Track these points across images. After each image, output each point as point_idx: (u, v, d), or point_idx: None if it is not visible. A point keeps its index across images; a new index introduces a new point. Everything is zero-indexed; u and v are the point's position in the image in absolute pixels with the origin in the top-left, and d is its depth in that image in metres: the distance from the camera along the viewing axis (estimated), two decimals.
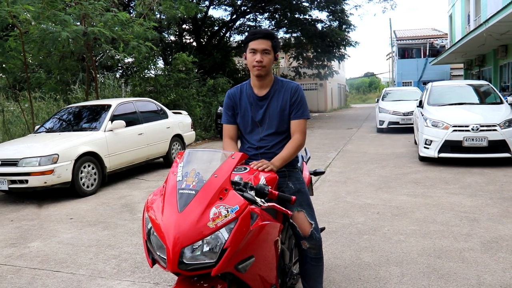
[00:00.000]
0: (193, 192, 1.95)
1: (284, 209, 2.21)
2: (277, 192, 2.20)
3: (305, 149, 3.89)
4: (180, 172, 2.05)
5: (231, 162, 2.11)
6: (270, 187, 2.17)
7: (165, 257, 1.86)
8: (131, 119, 8.69)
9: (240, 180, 2.16)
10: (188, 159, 2.15)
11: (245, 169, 2.50)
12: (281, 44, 26.83)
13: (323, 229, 3.40)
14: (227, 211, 1.91)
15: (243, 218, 1.93)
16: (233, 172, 2.14)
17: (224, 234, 1.87)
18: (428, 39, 36.51)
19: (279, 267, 2.58)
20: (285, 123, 2.80)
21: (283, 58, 29.85)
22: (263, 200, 2.10)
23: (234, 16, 25.10)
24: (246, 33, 26.02)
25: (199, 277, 1.99)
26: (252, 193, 2.10)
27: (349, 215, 5.39)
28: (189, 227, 1.84)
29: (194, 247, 1.84)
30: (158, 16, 15.08)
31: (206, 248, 1.86)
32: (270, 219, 2.27)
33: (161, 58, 20.52)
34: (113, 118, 8.12)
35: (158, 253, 1.93)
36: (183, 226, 1.84)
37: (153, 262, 2.01)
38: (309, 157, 3.73)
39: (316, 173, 3.66)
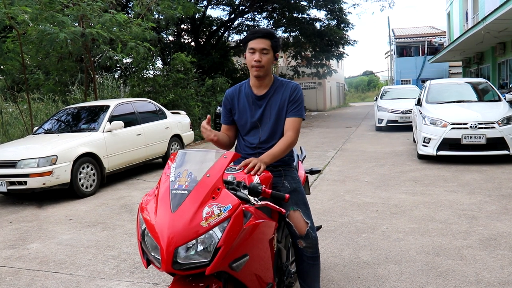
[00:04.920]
0: (186, 192, 1.96)
1: (278, 207, 2.20)
2: (270, 191, 2.20)
3: (300, 148, 3.89)
4: (173, 172, 2.06)
5: (223, 161, 2.12)
6: (263, 186, 2.17)
7: (160, 258, 1.86)
8: (130, 119, 8.68)
9: (234, 180, 2.16)
10: (181, 159, 2.15)
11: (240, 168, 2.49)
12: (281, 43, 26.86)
13: (319, 227, 3.41)
14: (220, 210, 1.91)
15: (236, 217, 1.94)
16: (226, 172, 2.14)
17: (217, 233, 1.88)
18: (427, 37, 36.48)
19: (276, 266, 2.58)
20: (283, 122, 2.75)
21: (281, 57, 29.82)
22: (256, 198, 2.10)
23: (233, 16, 25.12)
24: (245, 33, 26.21)
25: (194, 276, 2.00)
26: (245, 192, 2.10)
27: (348, 213, 5.39)
28: (182, 227, 1.84)
29: (188, 246, 1.85)
30: (156, 16, 15.05)
31: (200, 248, 1.86)
32: (264, 217, 2.27)
33: (159, 58, 20.49)
34: (112, 118, 8.12)
35: (152, 254, 1.93)
36: (176, 226, 1.84)
37: (148, 263, 2.02)
38: (305, 156, 3.73)
39: (312, 172, 3.65)
